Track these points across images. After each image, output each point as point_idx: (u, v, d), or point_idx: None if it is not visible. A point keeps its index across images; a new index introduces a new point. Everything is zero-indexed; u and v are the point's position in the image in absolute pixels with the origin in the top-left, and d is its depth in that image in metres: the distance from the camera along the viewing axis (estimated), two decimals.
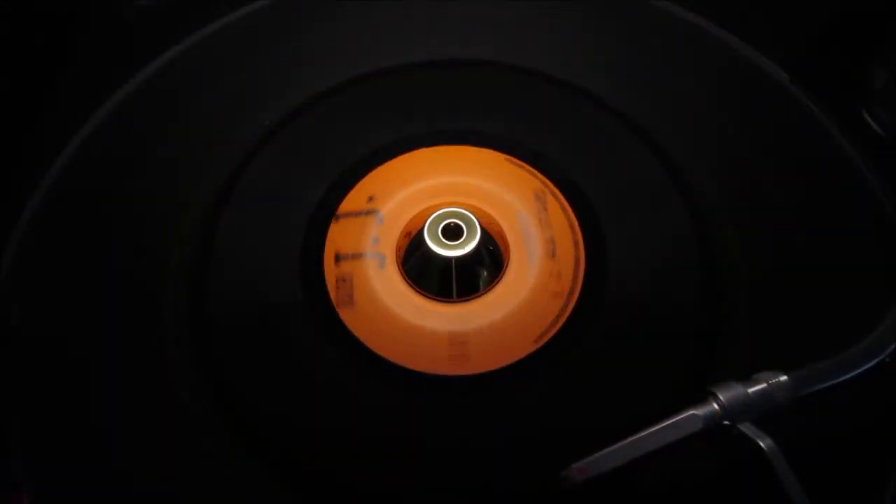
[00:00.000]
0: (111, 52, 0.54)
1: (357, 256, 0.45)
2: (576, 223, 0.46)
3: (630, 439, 0.37)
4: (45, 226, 0.47)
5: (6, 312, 0.44)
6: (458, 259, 0.44)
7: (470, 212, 0.45)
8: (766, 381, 0.38)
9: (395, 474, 0.40)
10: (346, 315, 0.43)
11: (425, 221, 0.45)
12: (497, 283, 0.44)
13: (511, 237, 0.46)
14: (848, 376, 0.39)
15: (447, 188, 0.47)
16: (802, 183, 0.48)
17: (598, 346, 0.42)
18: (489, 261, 0.46)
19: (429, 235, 0.44)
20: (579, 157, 0.48)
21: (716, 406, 0.37)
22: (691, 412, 0.37)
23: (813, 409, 0.39)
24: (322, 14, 0.55)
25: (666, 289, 0.44)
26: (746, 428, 0.37)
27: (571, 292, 0.44)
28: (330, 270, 0.44)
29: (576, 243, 0.45)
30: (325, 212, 0.46)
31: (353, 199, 0.47)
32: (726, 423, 0.37)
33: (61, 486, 0.41)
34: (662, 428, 0.37)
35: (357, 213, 0.46)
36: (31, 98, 0.52)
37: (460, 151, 0.48)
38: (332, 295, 0.44)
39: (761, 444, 0.36)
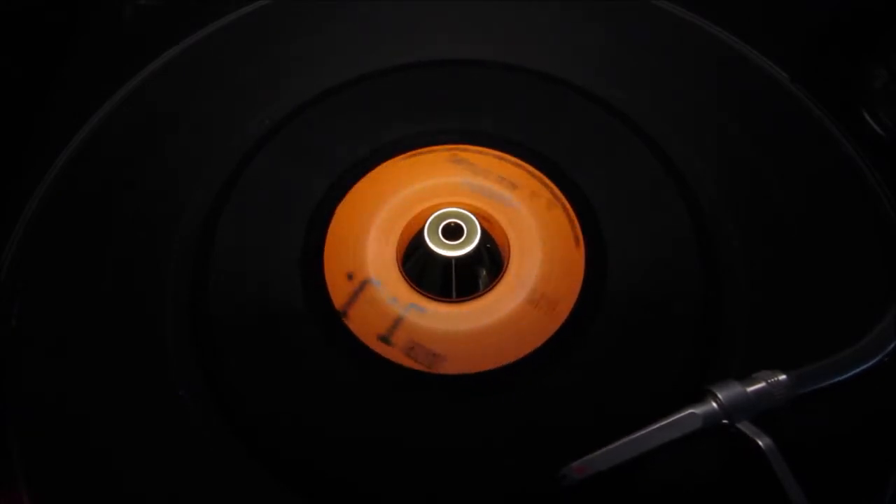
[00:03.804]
0: (111, 51, 0.54)
1: (398, 323, 0.43)
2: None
3: (629, 437, 0.37)
4: (45, 226, 0.47)
5: (6, 312, 0.44)
6: (459, 258, 0.44)
7: (468, 211, 0.45)
8: (766, 380, 0.38)
9: (400, 475, 0.40)
10: (440, 366, 0.42)
11: (423, 225, 0.45)
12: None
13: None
14: (847, 375, 0.39)
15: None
16: (802, 183, 0.48)
17: (598, 344, 0.42)
18: (486, 257, 0.46)
19: (429, 237, 0.44)
20: (579, 157, 0.48)
21: (715, 405, 0.37)
22: (690, 411, 0.37)
23: (813, 408, 0.39)
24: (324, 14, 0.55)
25: (666, 288, 0.44)
26: (745, 427, 0.37)
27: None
28: (388, 351, 0.42)
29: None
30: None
31: (338, 288, 0.44)
32: (725, 421, 0.37)
33: (61, 486, 0.41)
34: (661, 426, 0.37)
35: (355, 296, 0.44)
36: (31, 98, 0.52)
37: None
38: (421, 368, 0.42)
39: (760, 442, 0.36)
